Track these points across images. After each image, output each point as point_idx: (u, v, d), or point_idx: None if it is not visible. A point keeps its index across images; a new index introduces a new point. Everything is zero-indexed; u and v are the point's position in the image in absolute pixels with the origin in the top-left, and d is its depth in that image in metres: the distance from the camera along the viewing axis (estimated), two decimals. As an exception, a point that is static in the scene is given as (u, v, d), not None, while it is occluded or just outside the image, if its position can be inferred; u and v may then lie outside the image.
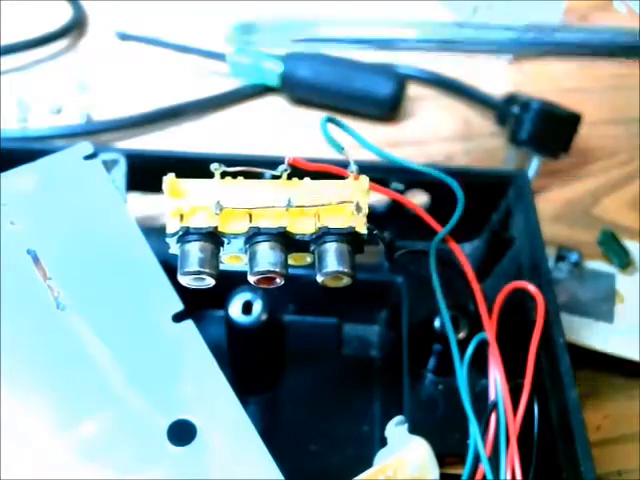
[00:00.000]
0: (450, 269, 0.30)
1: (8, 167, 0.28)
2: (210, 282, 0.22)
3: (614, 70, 0.52)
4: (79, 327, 0.25)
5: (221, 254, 0.23)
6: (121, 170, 0.30)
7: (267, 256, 0.22)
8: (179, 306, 0.26)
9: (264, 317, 0.29)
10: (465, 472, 0.26)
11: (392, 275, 0.34)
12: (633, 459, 0.33)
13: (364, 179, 0.23)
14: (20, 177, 0.28)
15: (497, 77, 0.50)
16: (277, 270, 0.22)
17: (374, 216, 0.24)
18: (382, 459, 0.26)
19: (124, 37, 0.49)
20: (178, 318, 0.26)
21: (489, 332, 0.28)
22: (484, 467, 0.26)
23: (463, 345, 0.28)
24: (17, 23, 0.49)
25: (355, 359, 0.34)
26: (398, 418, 0.27)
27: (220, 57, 0.47)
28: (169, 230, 0.22)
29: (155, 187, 0.24)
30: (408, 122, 0.47)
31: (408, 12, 0.54)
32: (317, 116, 0.24)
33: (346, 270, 0.22)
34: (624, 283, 0.38)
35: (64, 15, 0.50)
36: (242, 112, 0.47)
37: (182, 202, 0.22)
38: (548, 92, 0.47)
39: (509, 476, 0.26)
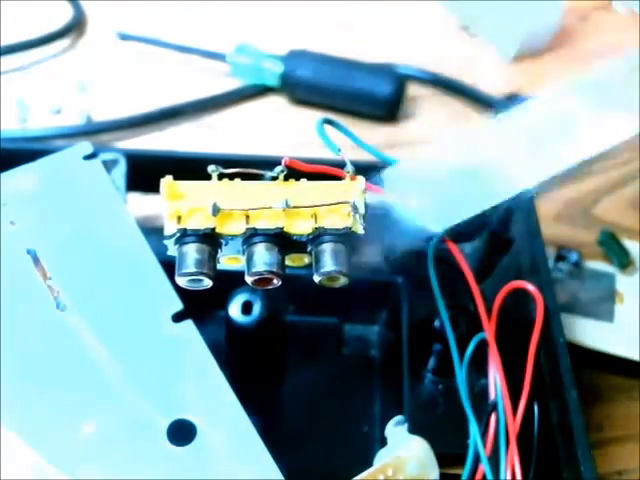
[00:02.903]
0: (450, 269, 0.30)
1: (8, 167, 0.28)
2: (207, 283, 0.22)
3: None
4: (79, 327, 0.25)
5: (220, 255, 0.23)
6: (121, 170, 0.31)
7: (264, 257, 0.22)
8: (179, 306, 0.26)
9: (264, 317, 0.29)
10: (465, 472, 0.26)
11: (392, 275, 0.34)
12: (633, 459, 0.33)
13: (361, 180, 0.23)
14: (20, 177, 0.28)
15: (497, 77, 0.50)
16: (274, 270, 0.22)
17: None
18: (382, 459, 0.26)
19: (124, 37, 0.49)
20: (178, 318, 0.26)
21: (489, 332, 0.28)
22: (484, 467, 0.26)
23: (463, 345, 0.28)
24: (17, 23, 0.49)
25: (355, 359, 0.34)
26: (398, 418, 0.27)
27: (220, 57, 0.47)
28: (167, 232, 0.22)
29: (155, 187, 0.24)
30: (408, 122, 0.47)
31: (408, 12, 0.54)
32: (317, 116, 0.24)
33: (342, 270, 0.22)
34: (624, 283, 0.38)
35: (64, 15, 0.50)
36: (242, 112, 0.47)
37: (179, 204, 0.22)
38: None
39: (509, 476, 0.26)
